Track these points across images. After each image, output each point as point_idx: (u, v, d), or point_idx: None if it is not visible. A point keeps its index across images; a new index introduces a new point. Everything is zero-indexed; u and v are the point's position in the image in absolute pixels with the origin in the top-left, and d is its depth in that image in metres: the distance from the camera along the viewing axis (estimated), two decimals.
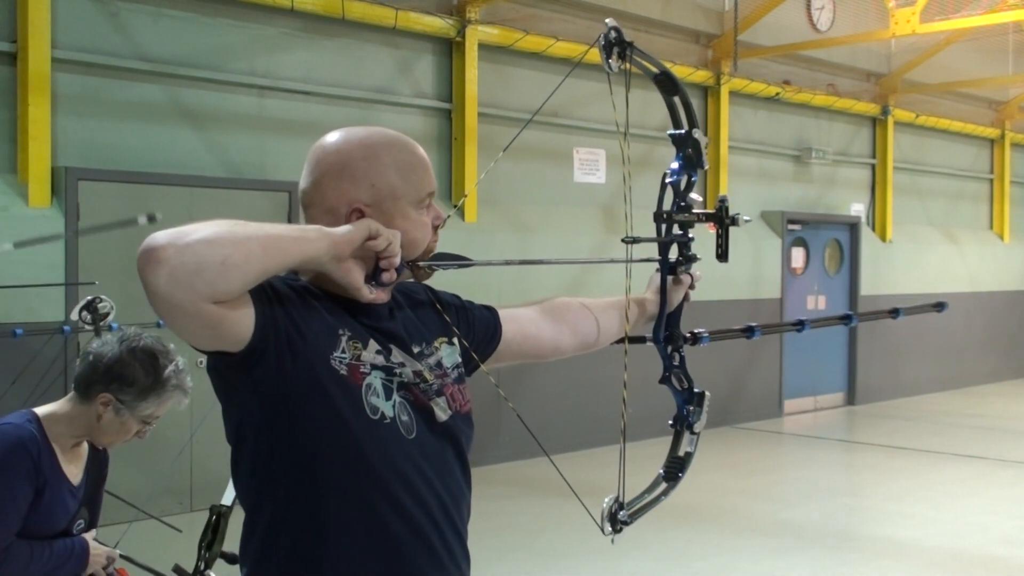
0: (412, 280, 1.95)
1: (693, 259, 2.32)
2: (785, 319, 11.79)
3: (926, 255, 13.89)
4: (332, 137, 1.87)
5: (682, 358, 2.25)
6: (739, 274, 11.15)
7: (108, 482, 2.99)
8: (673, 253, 2.29)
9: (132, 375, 2.70)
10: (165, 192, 6.98)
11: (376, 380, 1.77)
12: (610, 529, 2.07)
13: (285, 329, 1.70)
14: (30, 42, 6.54)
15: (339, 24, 8.13)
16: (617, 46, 2.08)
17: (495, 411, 8.59)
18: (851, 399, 12.83)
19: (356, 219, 1.78)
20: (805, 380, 12.15)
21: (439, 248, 1.95)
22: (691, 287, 2.38)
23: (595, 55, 2.16)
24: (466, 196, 8.74)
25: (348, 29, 8.23)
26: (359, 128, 1.90)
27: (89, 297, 5.17)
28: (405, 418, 1.79)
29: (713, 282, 11.00)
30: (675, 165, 2.32)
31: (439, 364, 1.93)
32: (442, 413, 1.85)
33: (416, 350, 1.89)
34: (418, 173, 1.86)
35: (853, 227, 12.88)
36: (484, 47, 8.99)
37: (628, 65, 2.11)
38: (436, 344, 1.95)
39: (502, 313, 2.17)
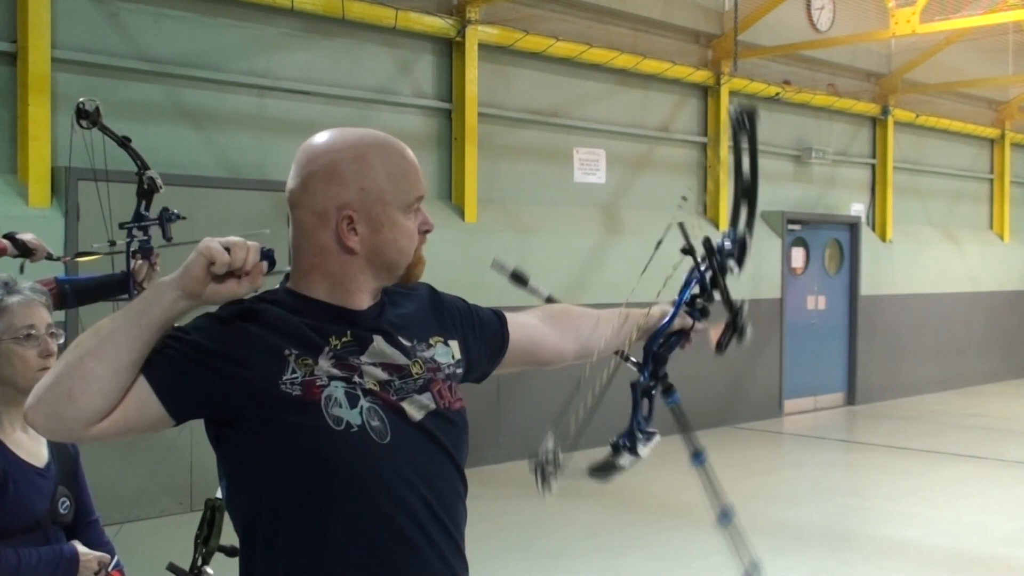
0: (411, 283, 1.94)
1: (706, 312, 2.30)
2: (785, 319, 11.79)
3: (926, 255, 13.89)
4: (321, 138, 1.85)
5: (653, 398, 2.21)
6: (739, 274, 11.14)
7: (108, 481, 2.97)
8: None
9: None
10: (165, 192, 6.91)
11: (337, 390, 1.74)
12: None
13: (210, 379, 1.71)
14: (30, 42, 6.54)
15: (339, 24, 8.13)
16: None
17: (495, 411, 8.60)
18: (851, 399, 12.83)
19: (347, 224, 1.78)
20: (805, 380, 12.15)
21: (427, 252, 1.92)
22: (691, 329, 2.31)
23: (595, 55, 2.19)
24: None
25: (348, 29, 8.23)
26: (349, 130, 1.88)
27: None
28: (376, 423, 1.75)
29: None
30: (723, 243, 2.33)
31: (432, 359, 1.91)
32: (416, 412, 1.81)
33: (405, 343, 1.87)
34: (408, 178, 1.84)
35: (853, 227, 12.88)
36: (484, 47, 8.99)
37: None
38: (431, 341, 1.93)
39: (509, 318, 2.16)
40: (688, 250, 2.23)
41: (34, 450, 2.77)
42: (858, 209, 13.16)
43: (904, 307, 13.50)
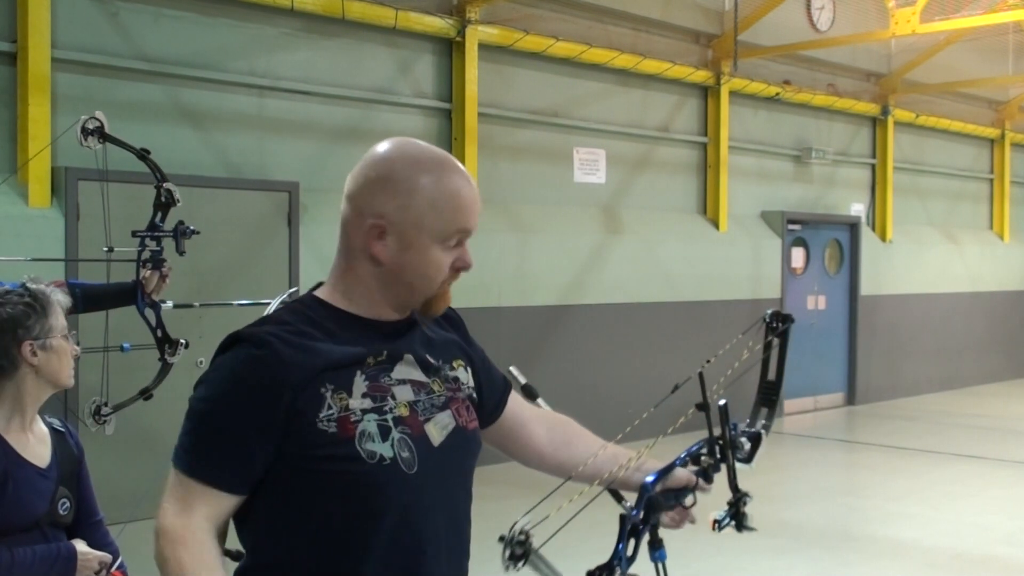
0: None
1: (709, 478, 2.15)
2: None
3: (926, 255, 13.89)
4: (390, 143, 1.86)
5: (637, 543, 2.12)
6: (739, 274, 11.15)
7: (108, 481, 2.97)
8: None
9: (23, 313, 2.74)
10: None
11: (370, 424, 1.77)
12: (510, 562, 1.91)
13: (257, 450, 1.75)
14: (30, 42, 6.54)
15: (339, 24, 8.13)
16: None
17: None
18: (851, 399, 12.83)
19: (376, 236, 1.79)
20: (805, 380, 12.14)
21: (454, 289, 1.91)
22: (695, 488, 2.18)
23: (595, 55, 2.17)
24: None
25: (348, 29, 8.23)
26: (419, 144, 1.87)
27: None
28: (406, 454, 1.79)
29: (713, 282, 11.05)
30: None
31: (456, 379, 1.95)
32: (438, 436, 1.84)
33: (430, 362, 1.91)
34: (455, 210, 1.81)
35: (853, 227, 12.87)
36: (484, 47, 8.98)
37: None
38: (455, 364, 1.97)
39: (512, 394, 2.17)
40: (703, 406, 2.08)
41: (37, 450, 2.78)
42: (858, 209, 13.16)
43: (904, 307, 13.49)
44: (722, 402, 2.06)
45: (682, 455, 2.14)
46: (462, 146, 8.85)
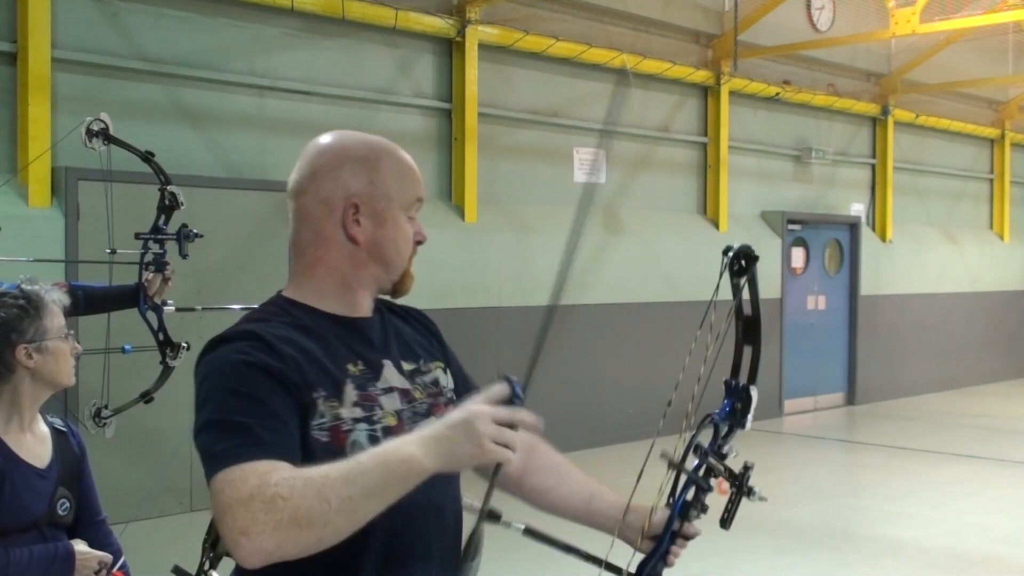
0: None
1: (703, 509, 2.07)
2: (785, 319, 11.79)
3: (926, 255, 13.89)
4: (330, 134, 1.89)
5: None
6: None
7: (109, 481, 2.96)
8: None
9: (17, 316, 2.72)
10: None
11: (361, 434, 1.75)
12: None
13: (296, 413, 1.70)
14: (30, 42, 6.54)
15: (339, 24, 8.13)
16: None
17: None
18: (851, 399, 12.83)
19: (352, 214, 1.80)
20: (805, 380, 12.15)
21: (427, 252, 1.94)
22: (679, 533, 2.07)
23: (595, 55, 2.15)
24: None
25: (348, 29, 8.23)
26: (354, 132, 1.92)
27: None
28: None
29: (713, 282, 11.02)
30: (720, 413, 2.15)
31: (435, 382, 1.93)
32: None
33: (408, 368, 1.89)
34: (410, 179, 1.87)
35: (853, 227, 12.87)
36: (484, 47, 8.98)
37: None
38: (432, 365, 1.96)
39: None
40: (675, 464, 2.03)
41: (37, 451, 2.78)
42: (858, 209, 13.16)
43: (904, 307, 13.49)
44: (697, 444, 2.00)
45: (675, 506, 2.05)
46: (462, 146, 8.85)
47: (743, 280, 2.05)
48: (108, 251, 4.51)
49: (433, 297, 7.74)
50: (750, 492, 2.10)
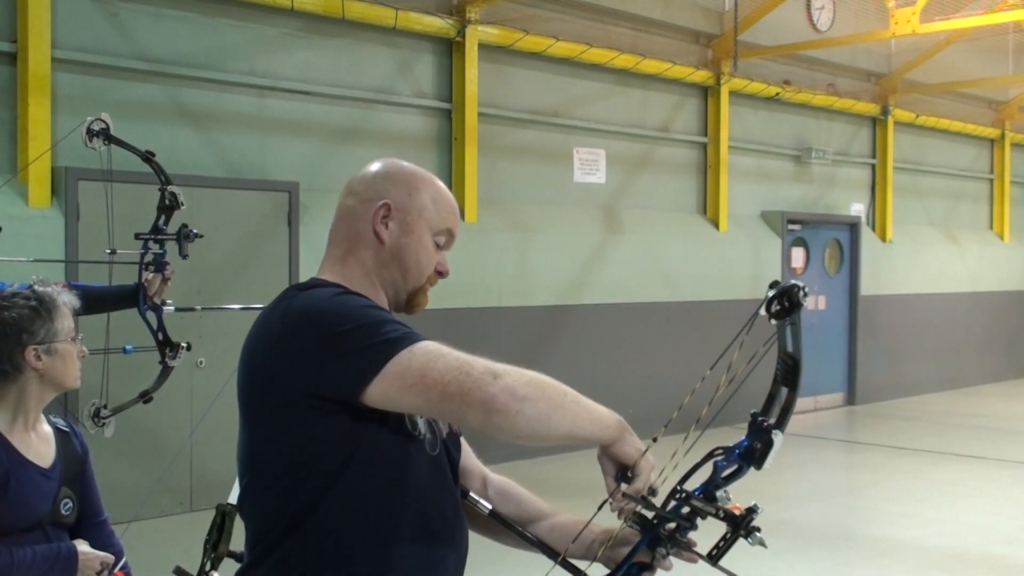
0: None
1: (683, 546, 1.99)
2: None
3: (926, 255, 13.89)
4: (390, 159, 2.06)
5: None
6: (739, 274, 11.15)
7: (109, 482, 2.96)
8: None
9: (29, 317, 2.72)
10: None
11: None
12: None
13: None
14: (30, 42, 6.54)
15: (339, 24, 8.13)
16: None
17: None
18: (851, 399, 12.83)
19: (382, 214, 1.94)
20: (805, 380, 11.87)
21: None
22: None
23: (595, 55, 2.16)
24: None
25: (348, 29, 8.23)
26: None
27: None
28: (429, 436, 1.91)
29: (713, 282, 11.05)
30: (735, 449, 2.02)
31: None
32: (444, 428, 1.99)
33: None
34: (447, 209, 2.01)
35: (853, 227, 12.87)
36: (484, 47, 8.98)
37: None
38: None
39: (464, 445, 2.15)
40: (652, 518, 1.96)
41: (41, 450, 2.78)
42: (858, 209, 13.16)
43: (904, 307, 13.49)
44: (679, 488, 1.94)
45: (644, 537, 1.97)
46: (462, 146, 8.85)
47: (786, 322, 2.01)
48: (108, 251, 4.50)
49: (433, 297, 7.64)
50: (750, 534, 2.02)
